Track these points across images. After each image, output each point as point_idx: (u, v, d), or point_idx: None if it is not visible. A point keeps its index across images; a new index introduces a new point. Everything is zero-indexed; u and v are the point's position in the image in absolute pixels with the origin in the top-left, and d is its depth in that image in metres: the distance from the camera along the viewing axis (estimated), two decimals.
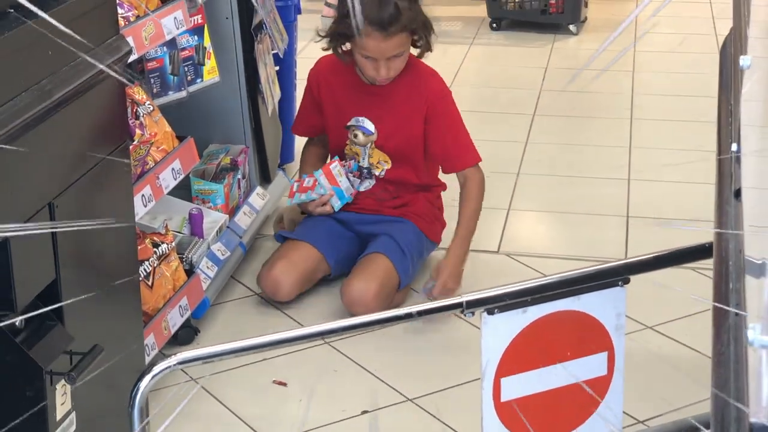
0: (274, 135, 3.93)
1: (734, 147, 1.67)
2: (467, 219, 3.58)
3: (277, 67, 3.90)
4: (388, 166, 3.57)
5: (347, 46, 3.55)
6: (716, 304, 1.60)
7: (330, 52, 3.59)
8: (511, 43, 5.97)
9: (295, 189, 3.57)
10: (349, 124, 3.57)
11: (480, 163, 3.64)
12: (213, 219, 3.49)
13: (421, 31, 3.49)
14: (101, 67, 2.24)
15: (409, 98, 3.56)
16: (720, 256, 1.64)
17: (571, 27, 6.03)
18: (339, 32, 3.50)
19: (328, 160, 3.63)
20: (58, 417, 2.23)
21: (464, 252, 3.53)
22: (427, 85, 3.60)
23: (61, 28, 1.49)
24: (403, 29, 3.42)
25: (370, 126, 3.54)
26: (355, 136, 3.57)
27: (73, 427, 2.29)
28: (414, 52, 3.57)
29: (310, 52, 5.44)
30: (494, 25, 6.14)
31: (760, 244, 1.27)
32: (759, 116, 1.48)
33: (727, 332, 1.47)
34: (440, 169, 3.69)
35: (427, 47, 3.54)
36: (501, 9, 6.11)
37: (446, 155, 3.59)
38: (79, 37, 1.72)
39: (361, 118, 3.56)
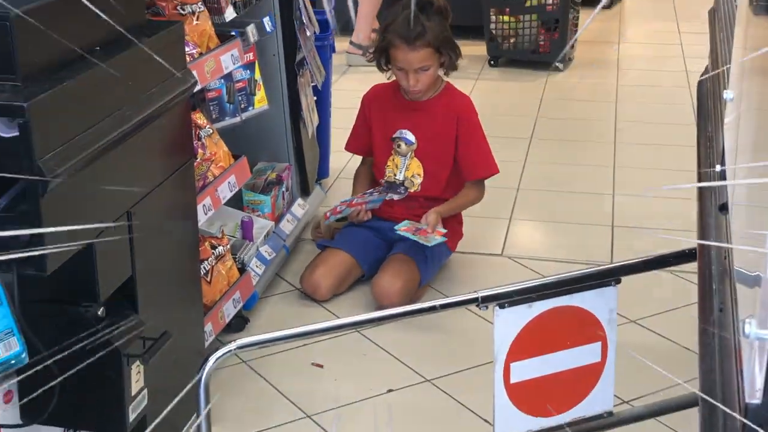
0: (312, 154, 3.93)
1: (717, 167, 1.66)
2: (457, 201, 3.60)
3: (315, 98, 3.89)
4: (420, 179, 3.55)
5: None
6: (701, 288, 1.58)
7: (379, 81, 3.64)
8: (509, 78, 5.97)
9: (328, 214, 3.57)
10: (393, 136, 3.57)
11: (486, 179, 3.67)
12: (261, 225, 3.49)
13: (445, 49, 3.47)
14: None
15: (444, 114, 3.56)
16: (704, 262, 1.63)
17: (558, 65, 6.01)
18: (379, 49, 3.51)
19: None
20: (133, 393, 2.24)
21: (443, 210, 3.52)
22: (459, 104, 3.60)
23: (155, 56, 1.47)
24: (428, 45, 3.42)
25: (411, 137, 3.54)
26: (399, 146, 3.56)
27: (145, 402, 2.29)
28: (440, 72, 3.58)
29: (342, 85, 5.48)
30: (492, 62, 6.14)
31: (748, 256, 1.24)
32: (747, 142, 1.46)
33: (712, 326, 1.45)
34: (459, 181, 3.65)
35: (452, 66, 3.53)
36: (498, 49, 6.10)
37: (470, 162, 3.57)
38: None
39: (404, 131, 3.56)
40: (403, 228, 3.44)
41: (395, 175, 3.57)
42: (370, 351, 3.13)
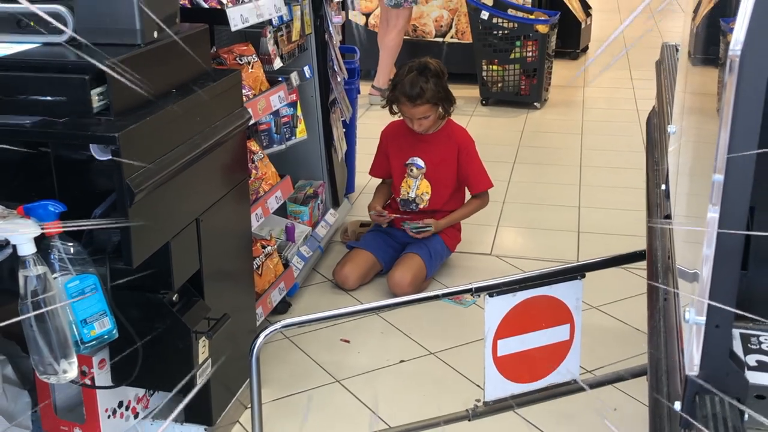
0: (341, 174, 3.93)
1: (663, 186, 1.65)
2: (460, 213, 3.60)
3: (344, 129, 3.89)
4: (428, 196, 3.53)
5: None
6: (649, 282, 1.57)
7: (394, 118, 3.63)
8: (497, 115, 5.95)
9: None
10: (407, 162, 3.55)
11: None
12: (301, 230, 3.49)
13: (441, 102, 3.45)
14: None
15: (446, 144, 3.54)
16: (652, 261, 1.62)
17: (536, 104, 6.00)
18: (390, 100, 3.51)
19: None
20: (200, 361, 2.24)
21: (444, 224, 3.54)
22: (458, 135, 3.57)
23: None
24: (426, 102, 3.40)
25: (421, 162, 3.53)
26: (411, 170, 3.54)
27: (209, 369, 2.28)
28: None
29: (365, 120, 5.49)
30: (483, 102, 6.13)
31: (687, 256, 1.23)
32: (685, 166, 1.45)
33: (658, 312, 1.44)
34: (459, 196, 3.65)
35: (446, 113, 3.51)
36: (488, 91, 6.09)
37: (470, 180, 3.57)
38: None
39: (415, 158, 3.54)
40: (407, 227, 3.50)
41: (408, 193, 3.55)
42: (386, 330, 3.12)
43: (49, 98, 1.87)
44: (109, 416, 2.24)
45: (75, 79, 1.86)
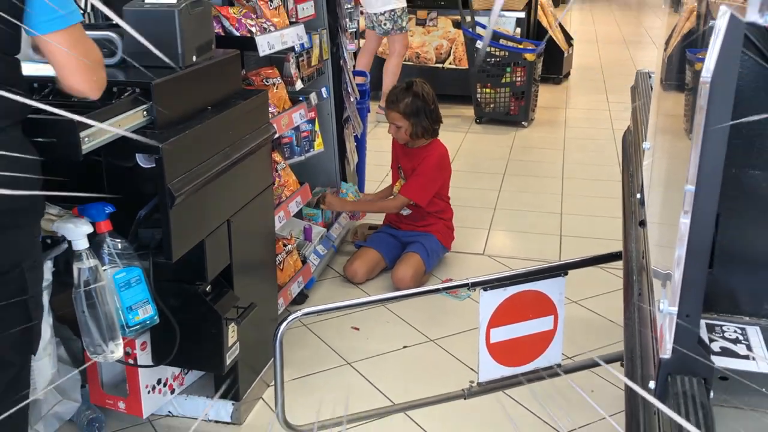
0: (353, 182, 3.92)
1: (638, 195, 1.66)
2: (371, 203, 3.68)
3: (356, 143, 3.89)
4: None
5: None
6: (626, 279, 1.58)
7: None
8: (490, 132, 5.93)
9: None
10: (399, 167, 3.61)
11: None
12: (317, 231, 3.48)
13: (413, 118, 3.42)
14: None
15: (420, 158, 3.51)
16: (627, 261, 1.62)
17: (524, 123, 5.99)
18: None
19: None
20: (229, 344, 2.24)
21: (347, 205, 3.59)
22: (431, 150, 3.53)
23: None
24: (398, 110, 3.42)
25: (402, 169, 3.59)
26: (401, 173, 3.60)
27: (237, 351, 2.29)
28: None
29: (373, 135, 5.46)
30: (477, 120, 6.10)
31: (658, 257, 1.24)
32: (658, 179, 1.46)
33: (633, 306, 1.44)
34: (439, 203, 3.61)
35: (427, 132, 3.46)
36: (482, 111, 6.06)
37: (407, 183, 3.52)
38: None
39: (400, 165, 3.59)
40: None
41: (397, 192, 3.58)
42: (391, 319, 3.11)
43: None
44: (149, 392, 2.25)
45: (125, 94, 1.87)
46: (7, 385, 1.60)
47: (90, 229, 1.81)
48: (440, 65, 6.57)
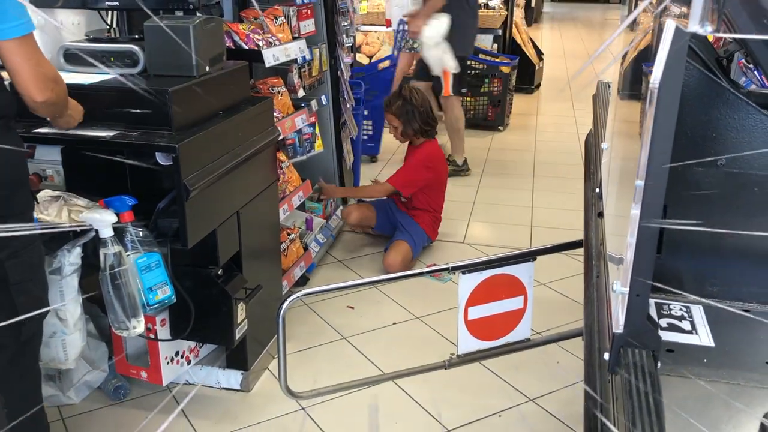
0: (349, 179, 3.92)
1: (597, 190, 1.65)
2: (361, 189, 3.69)
3: (351, 145, 3.88)
4: None
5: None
6: (586, 263, 1.58)
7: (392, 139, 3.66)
8: (470, 135, 5.84)
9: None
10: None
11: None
12: (318, 222, 3.48)
13: (404, 119, 3.43)
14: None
15: (413, 155, 3.54)
16: (587, 248, 1.62)
17: (500, 128, 5.98)
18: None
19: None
20: (239, 321, 2.24)
21: (345, 192, 3.60)
22: (422, 148, 3.53)
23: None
24: (391, 113, 3.46)
25: None
26: None
27: (245, 327, 2.29)
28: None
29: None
30: None
31: (614, 244, 1.24)
32: (614, 175, 1.45)
33: (592, 287, 1.44)
34: (422, 196, 3.59)
35: (422, 133, 3.47)
36: (463, 116, 6.04)
37: (396, 173, 3.52)
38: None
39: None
40: None
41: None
42: (382, 299, 3.11)
43: (135, 111, 1.87)
44: (168, 362, 2.24)
45: (155, 98, 1.86)
46: (9, 362, 1.54)
47: (114, 219, 1.80)
48: None
